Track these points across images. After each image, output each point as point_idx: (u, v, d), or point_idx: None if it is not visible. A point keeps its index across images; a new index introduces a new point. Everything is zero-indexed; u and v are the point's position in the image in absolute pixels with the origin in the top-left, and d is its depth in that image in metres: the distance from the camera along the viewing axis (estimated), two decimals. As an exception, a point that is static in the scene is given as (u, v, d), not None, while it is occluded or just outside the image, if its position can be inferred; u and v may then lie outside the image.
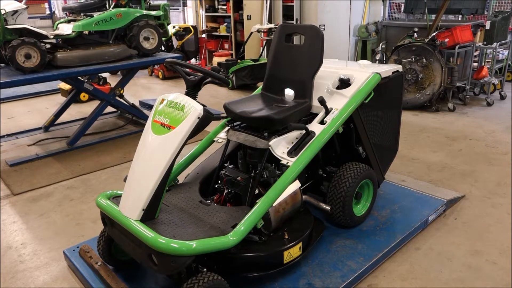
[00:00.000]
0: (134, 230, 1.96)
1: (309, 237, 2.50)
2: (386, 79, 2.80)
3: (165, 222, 2.13)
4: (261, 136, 2.43)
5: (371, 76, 2.68)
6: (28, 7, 4.78)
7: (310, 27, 2.69)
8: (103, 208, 2.18)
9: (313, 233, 2.55)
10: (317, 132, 2.47)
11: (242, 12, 8.62)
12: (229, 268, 2.21)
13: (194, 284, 1.89)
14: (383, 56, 6.64)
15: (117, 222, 2.09)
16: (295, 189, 2.42)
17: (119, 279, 2.32)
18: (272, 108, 2.50)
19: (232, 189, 2.50)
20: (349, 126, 2.68)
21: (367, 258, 2.49)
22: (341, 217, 2.67)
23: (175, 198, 2.44)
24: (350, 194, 2.62)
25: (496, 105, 6.13)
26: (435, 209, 3.02)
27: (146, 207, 2.02)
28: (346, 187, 2.61)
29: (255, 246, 2.25)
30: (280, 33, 2.84)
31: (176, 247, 1.85)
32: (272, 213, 2.27)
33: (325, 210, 2.66)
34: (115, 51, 4.95)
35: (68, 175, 4.09)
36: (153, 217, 2.10)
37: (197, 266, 2.06)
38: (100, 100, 5.16)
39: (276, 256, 2.28)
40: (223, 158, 2.70)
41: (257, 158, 2.50)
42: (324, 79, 2.78)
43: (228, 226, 2.11)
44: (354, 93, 2.62)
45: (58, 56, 4.55)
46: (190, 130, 2.01)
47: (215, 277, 1.95)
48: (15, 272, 2.66)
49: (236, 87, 7.44)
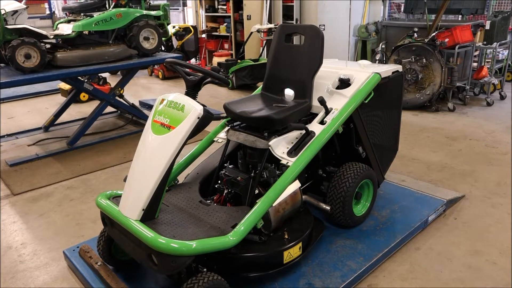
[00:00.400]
0: (134, 230, 1.96)
1: (309, 237, 2.50)
2: (386, 79, 2.80)
3: (165, 222, 2.13)
4: (261, 136, 2.43)
5: (371, 76, 2.68)
6: (28, 7, 4.77)
7: (310, 27, 2.69)
8: (103, 208, 2.18)
9: (313, 233, 2.55)
10: (317, 132, 2.47)
11: (242, 12, 8.62)
12: (229, 268, 2.21)
13: (194, 284, 1.89)
14: (383, 56, 6.64)
15: (117, 222, 2.09)
16: (295, 189, 2.42)
17: (119, 279, 2.32)
18: (272, 108, 2.50)
19: (232, 189, 2.50)
20: (349, 126, 2.68)
21: (367, 258, 2.49)
22: (341, 217, 2.67)
23: (175, 198, 2.44)
24: (350, 194, 2.62)
25: (496, 105, 6.13)
26: (435, 209, 3.02)
27: (146, 207, 2.02)
28: (346, 187, 2.61)
29: (255, 246, 2.25)
30: (280, 33, 2.84)
31: (176, 247, 1.85)
32: (272, 213, 2.27)
33: (325, 210, 2.66)
34: (115, 51, 4.95)
35: (68, 175, 4.09)
36: (153, 217, 2.10)
37: (197, 266, 2.06)
38: (100, 100, 5.16)
39: (276, 256, 2.28)
40: (223, 158, 2.70)
41: (257, 158, 2.50)
42: (324, 79, 2.78)
43: (228, 226, 2.11)
44: (354, 93, 2.62)
45: (58, 56, 4.55)
46: (190, 130, 2.01)
47: (215, 277, 1.95)
48: (15, 272, 2.66)
49: (236, 87, 7.44)
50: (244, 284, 2.28)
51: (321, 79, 2.76)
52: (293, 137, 2.48)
